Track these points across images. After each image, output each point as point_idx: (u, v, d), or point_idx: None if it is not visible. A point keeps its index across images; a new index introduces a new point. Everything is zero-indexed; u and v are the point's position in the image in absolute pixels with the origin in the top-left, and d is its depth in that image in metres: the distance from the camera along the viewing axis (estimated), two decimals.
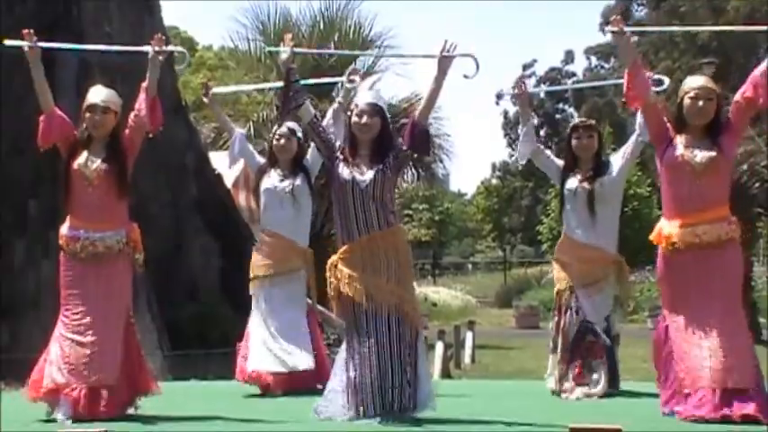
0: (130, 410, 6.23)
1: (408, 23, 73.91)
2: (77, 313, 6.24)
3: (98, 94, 6.57)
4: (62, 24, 12.90)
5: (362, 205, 6.00)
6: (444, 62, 6.11)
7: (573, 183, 7.31)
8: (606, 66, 56.31)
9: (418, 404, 5.99)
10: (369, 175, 6.03)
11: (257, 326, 7.64)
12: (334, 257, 6.15)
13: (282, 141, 7.84)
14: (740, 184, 22.81)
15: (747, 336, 6.07)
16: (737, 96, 6.15)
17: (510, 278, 41.39)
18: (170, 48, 6.33)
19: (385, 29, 22.95)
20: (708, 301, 5.95)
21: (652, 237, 6.22)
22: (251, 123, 20.77)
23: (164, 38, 6.48)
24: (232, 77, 34.01)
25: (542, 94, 57.57)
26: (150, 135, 6.50)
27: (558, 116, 56.66)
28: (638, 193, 30.56)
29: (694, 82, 6.27)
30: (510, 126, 58.57)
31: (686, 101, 6.16)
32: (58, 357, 6.20)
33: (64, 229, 6.37)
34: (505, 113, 59.20)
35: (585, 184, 7.25)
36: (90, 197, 6.32)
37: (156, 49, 6.34)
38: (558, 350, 7.26)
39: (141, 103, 6.46)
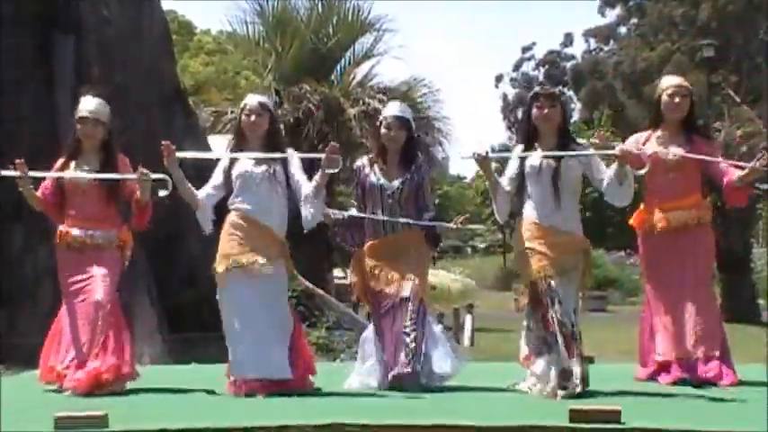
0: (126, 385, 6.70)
1: (408, 7, 73.72)
2: (70, 301, 6.79)
3: (88, 105, 6.94)
4: (61, 9, 12.84)
5: (390, 208, 6.76)
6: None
7: (535, 159, 6.39)
8: (605, 48, 56.23)
9: (429, 377, 6.66)
10: (396, 183, 6.78)
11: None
12: (359, 252, 6.88)
13: (253, 117, 6.68)
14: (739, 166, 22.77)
15: (716, 307, 7.00)
16: (723, 169, 6.86)
17: (509, 261, 41.42)
18: (153, 176, 6.61)
19: (383, 12, 22.91)
20: (681, 277, 6.75)
21: (632, 221, 7.05)
22: None
23: (146, 172, 6.63)
24: (230, 61, 34.07)
25: (541, 77, 57.50)
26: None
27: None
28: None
29: (671, 80, 7.03)
30: (509, 109, 58.56)
31: (664, 98, 6.91)
32: (59, 342, 6.78)
33: (60, 227, 6.88)
34: (504, 97, 59.25)
35: (551, 161, 6.35)
36: (83, 203, 6.86)
37: (142, 177, 6.62)
38: (560, 346, 6.21)
39: (134, 202, 6.85)
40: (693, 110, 7.03)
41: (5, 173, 6.73)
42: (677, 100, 6.89)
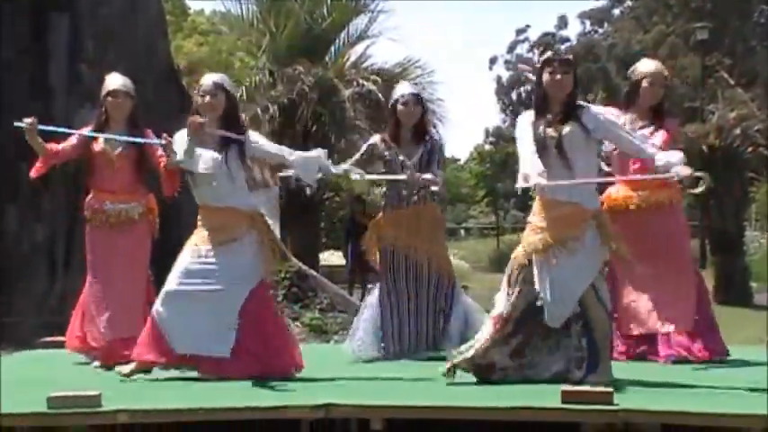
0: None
1: None
2: (105, 275, 7.22)
3: (116, 80, 7.36)
4: None
5: (411, 186, 7.29)
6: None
7: (539, 132, 5.95)
8: (600, 30, 56.19)
9: (449, 343, 7.19)
10: (415, 158, 7.34)
11: None
12: (379, 216, 7.50)
13: (207, 98, 6.40)
14: (733, 148, 22.84)
15: (693, 287, 7.05)
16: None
17: (503, 243, 41.47)
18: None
19: None
20: (652, 256, 6.91)
21: (602, 199, 6.87)
22: (243, 88, 20.70)
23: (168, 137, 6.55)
24: (224, 42, 33.95)
25: (535, 57, 57.42)
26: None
27: None
28: None
29: (651, 67, 7.27)
30: (504, 92, 58.48)
31: (644, 85, 7.15)
32: (91, 314, 7.22)
33: (90, 201, 7.32)
34: (498, 79, 59.13)
35: (552, 131, 5.90)
36: (113, 175, 7.25)
37: (164, 142, 6.57)
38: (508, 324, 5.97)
39: (163, 168, 6.89)
40: (664, 95, 7.34)
41: (19, 124, 6.95)
42: (657, 89, 7.19)
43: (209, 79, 6.51)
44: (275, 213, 6.70)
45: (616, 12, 54.94)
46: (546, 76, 5.99)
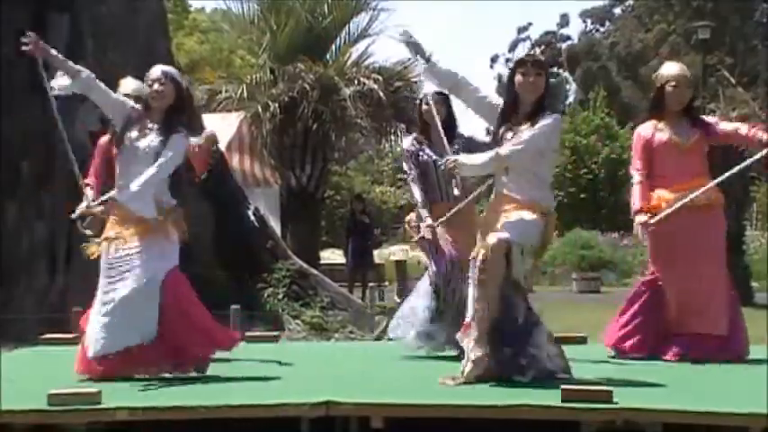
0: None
1: None
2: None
3: (130, 84, 7.27)
4: None
5: (445, 180, 7.26)
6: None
7: (498, 132, 6.00)
8: (601, 29, 56.18)
9: None
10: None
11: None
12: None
13: (156, 86, 6.34)
14: (734, 148, 22.81)
15: (725, 287, 7.06)
16: (730, 129, 7.20)
17: None
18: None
19: None
20: (693, 256, 6.91)
21: (651, 205, 7.08)
22: (244, 86, 20.70)
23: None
24: (225, 40, 33.97)
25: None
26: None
27: (552, 80, 56.63)
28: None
29: (673, 70, 7.15)
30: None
31: (668, 89, 7.07)
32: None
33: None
34: (500, 77, 59.11)
35: (510, 133, 5.89)
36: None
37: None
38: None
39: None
40: (693, 96, 7.33)
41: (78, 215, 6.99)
42: (683, 92, 7.09)
43: (158, 69, 6.46)
44: (275, 211, 6.71)
45: (617, 10, 54.93)
46: (518, 77, 5.92)
